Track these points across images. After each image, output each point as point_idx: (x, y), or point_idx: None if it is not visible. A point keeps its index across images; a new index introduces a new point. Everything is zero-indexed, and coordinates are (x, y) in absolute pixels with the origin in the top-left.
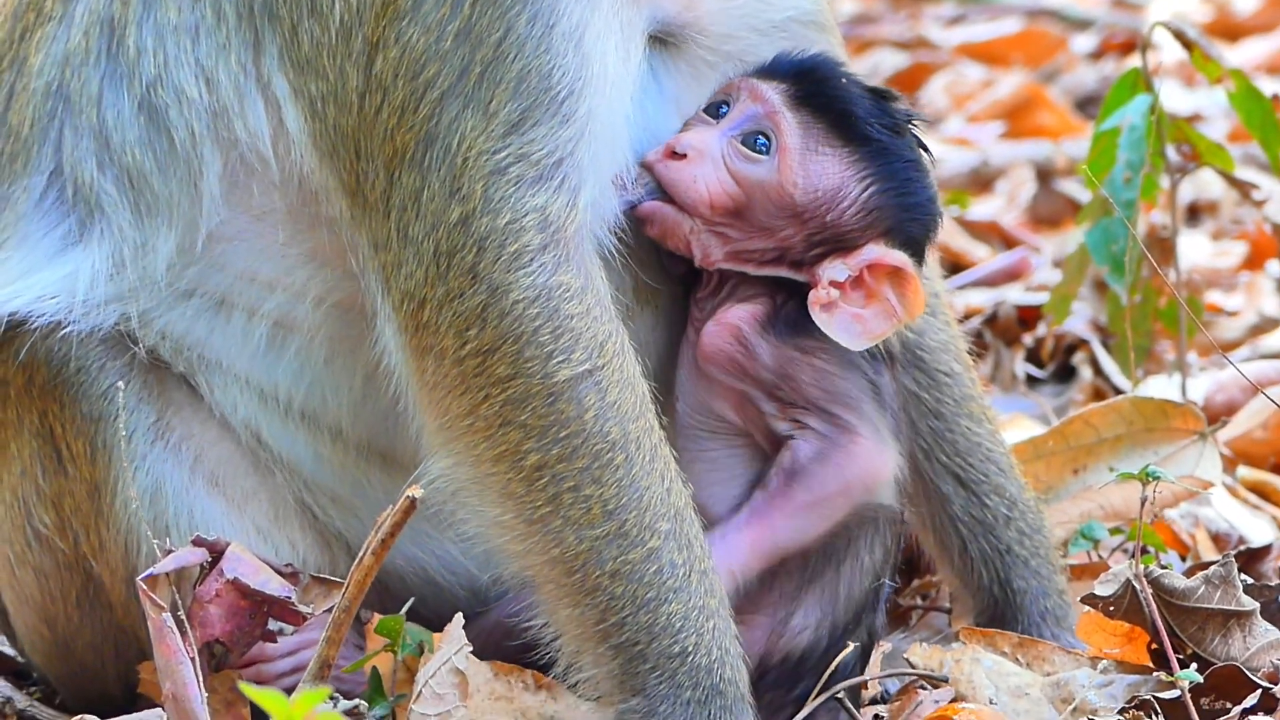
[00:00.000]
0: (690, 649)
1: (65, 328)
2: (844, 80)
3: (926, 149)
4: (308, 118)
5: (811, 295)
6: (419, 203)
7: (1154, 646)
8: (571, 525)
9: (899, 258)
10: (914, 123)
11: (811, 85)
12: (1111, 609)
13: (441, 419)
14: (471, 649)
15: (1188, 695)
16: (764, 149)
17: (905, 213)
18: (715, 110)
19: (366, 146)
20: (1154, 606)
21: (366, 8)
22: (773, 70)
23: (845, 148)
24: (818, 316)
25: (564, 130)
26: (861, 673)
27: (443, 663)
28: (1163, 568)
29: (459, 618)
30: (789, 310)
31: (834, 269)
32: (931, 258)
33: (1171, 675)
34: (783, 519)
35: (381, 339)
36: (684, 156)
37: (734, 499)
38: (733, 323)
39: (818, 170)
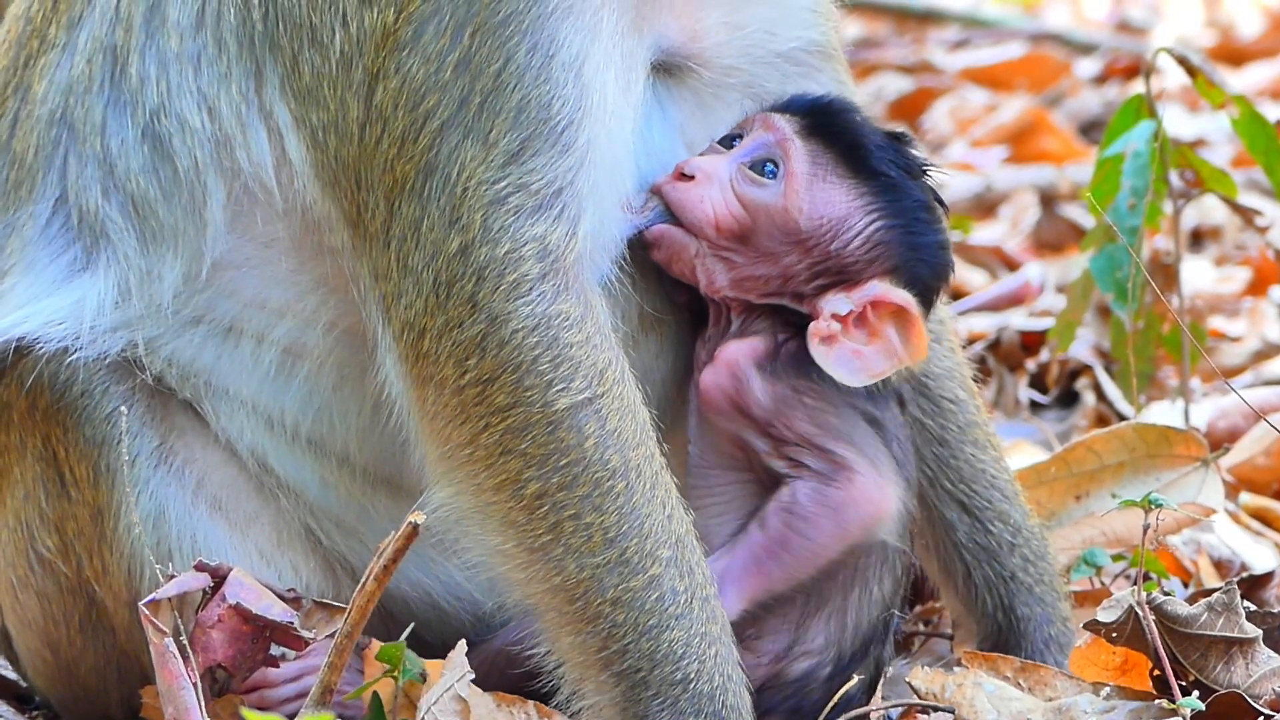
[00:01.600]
0: (693, 676)
1: (72, 354)
2: (858, 118)
3: (941, 200)
4: (309, 147)
5: (811, 327)
6: (419, 233)
7: (1156, 673)
8: (573, 553)
9: (903, 296)
10: (927, 170)
11: (824, 118)
12: (1114, 635)
13: (442, 448)
14: (474, 676)
15: None
16: (771, 174)
17: (912, 252)
18: (729, 142)
19: (367, 177)
20: (1156, 633)
21: (367, 38)
22: (787, 105)
23: (853, 179)
24: (815, 350)
25: (563, 160)
26: (867, 703)
27: (445, 690)
28: (1165, 594)
29: (462, 644)
30: (789, 348)
31: (836, 301)
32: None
33: (1174, 703)
34: (777, 566)
35: (383, 369)
36: (692, 178)
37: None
38: (730, 359)
39: (824, 198)
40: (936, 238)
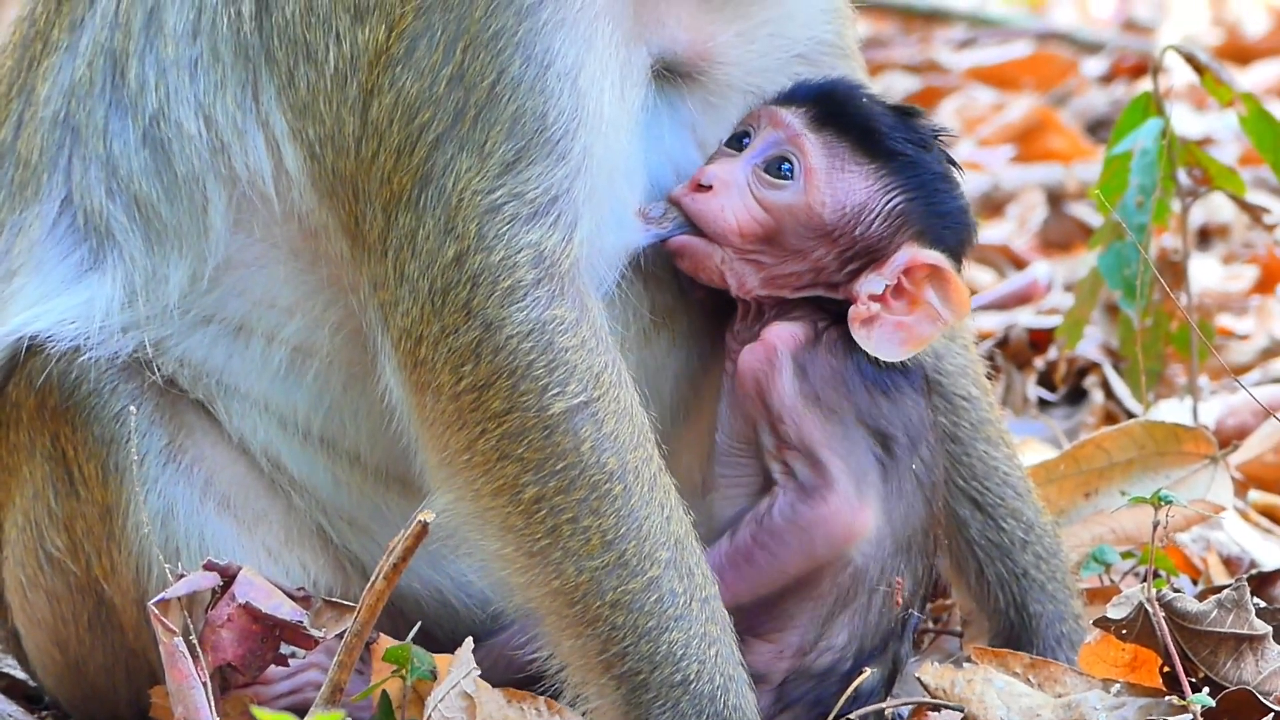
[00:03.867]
0: (693, 677)
1: (84, 353)
2: (865, 99)
3: (955, 163)
4: (307, 159)
5: (851, 312)
6: (414, 242)
7: (1166, 670)
8: (571, 557)
9: (934, 256)
10: (939, 137)
11: (832, 106)
12: (1124, 632)
13: (441, 454)
14: (479, 673)
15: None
16: (789, 173)
17: (937, 219)
18: (738, 142)
19: (365, 188)
20: (1166, 630)
21: (360, 55)
22: (791, 96)
23: (871, 164)
24: (858, 333)
25: (559, 168)
26: (885, 698)
27: (451, 686)
28: (1175, 591)
29: (469, 642)
30: (830, 335)
31: (870, 282)
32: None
33: (1184, 699)
34: (739, 578)
35: (383, 376)
36: (709, 188)
37: None
38: (771, 341)
39: (844, 188)
40: (958, 203)
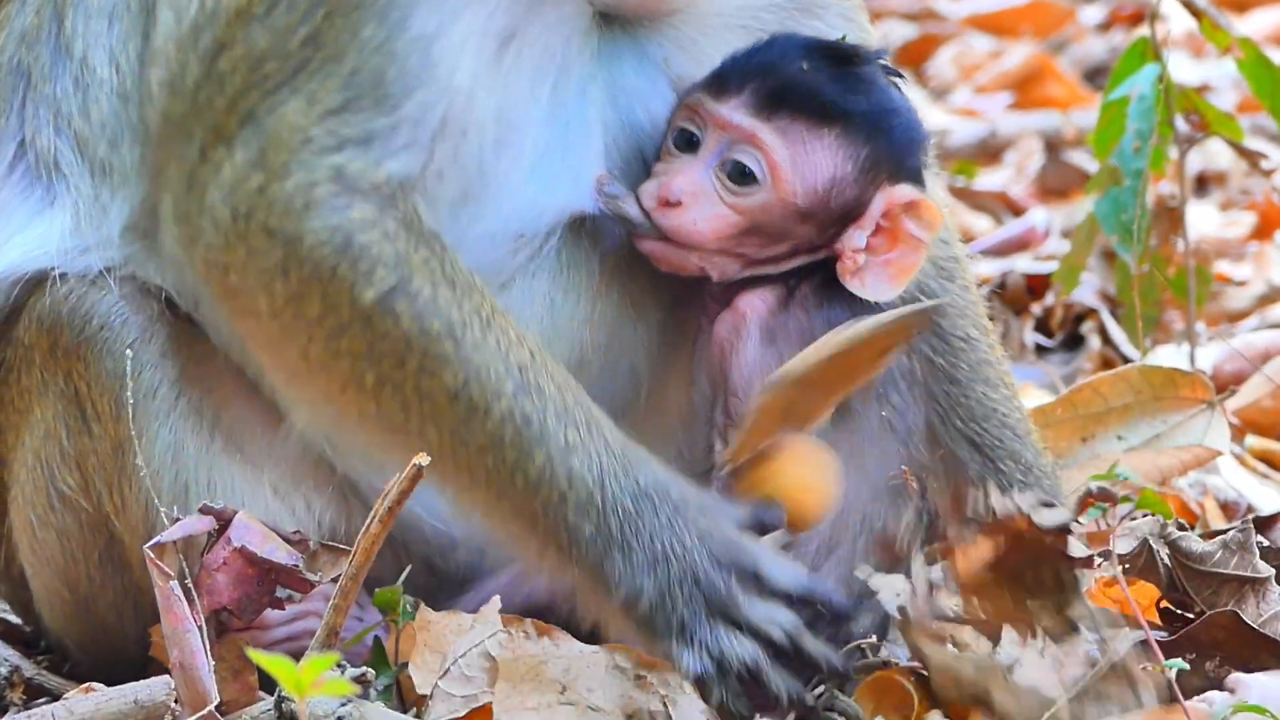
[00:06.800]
0: (566, 489)
1: (53, 278)
2: (803, 65)
3: (893, 70)
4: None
5: (839, 269)
6: (220, 173)
7: (1163, 605)
8: (428, 421)
9: (906, 191)
10: (877, 63)
11: (777, 85)
12: (1125, 567)
13: (283, 371)
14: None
15: (1176, 686)
16: (754, 175)
17: (900, 153)
18: (686, 141)
19: (193, 130)
20: (1168, 563)
21: (222, 12)
22: (725, 83)
23: (830, 133)
24: (851, 284)
25: (385, 118)
26: (879, 642)
27: (474, 645)
28: (1181, 530)
29: (496, 600)
30: (804, 290)
31: (853, 237)
32: (953, 223)
33: (1173, 635)
34: None
35: (211, 315)
36: (679, 204)
37: None
38: (741, 310)
39: (812, 170)
40: (908, 123)
